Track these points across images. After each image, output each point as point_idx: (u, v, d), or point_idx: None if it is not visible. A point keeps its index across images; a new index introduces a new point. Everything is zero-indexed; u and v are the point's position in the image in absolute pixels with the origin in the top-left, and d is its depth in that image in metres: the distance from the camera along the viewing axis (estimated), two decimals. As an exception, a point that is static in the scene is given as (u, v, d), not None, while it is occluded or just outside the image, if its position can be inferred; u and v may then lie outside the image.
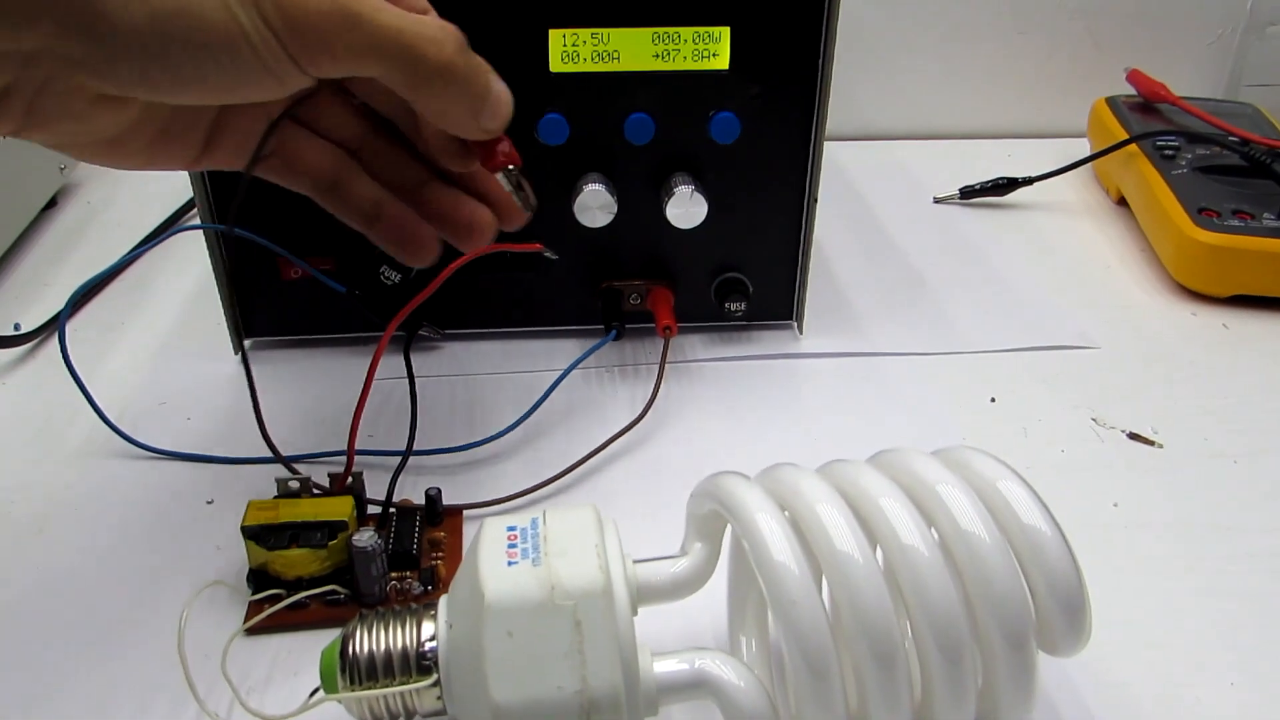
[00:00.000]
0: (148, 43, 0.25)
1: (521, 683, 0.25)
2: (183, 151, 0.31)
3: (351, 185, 0.34)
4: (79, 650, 0.33)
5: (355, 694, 0.26)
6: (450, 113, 0.30)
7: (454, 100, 0.30)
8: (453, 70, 0.29)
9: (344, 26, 0.26)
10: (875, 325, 0.51)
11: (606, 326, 0.46)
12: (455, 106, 0.30)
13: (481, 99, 0.30)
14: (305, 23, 0.26)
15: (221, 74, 0.26)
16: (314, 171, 0.34)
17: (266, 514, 0.34)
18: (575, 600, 0.25)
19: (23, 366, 0.48)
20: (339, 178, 0.34)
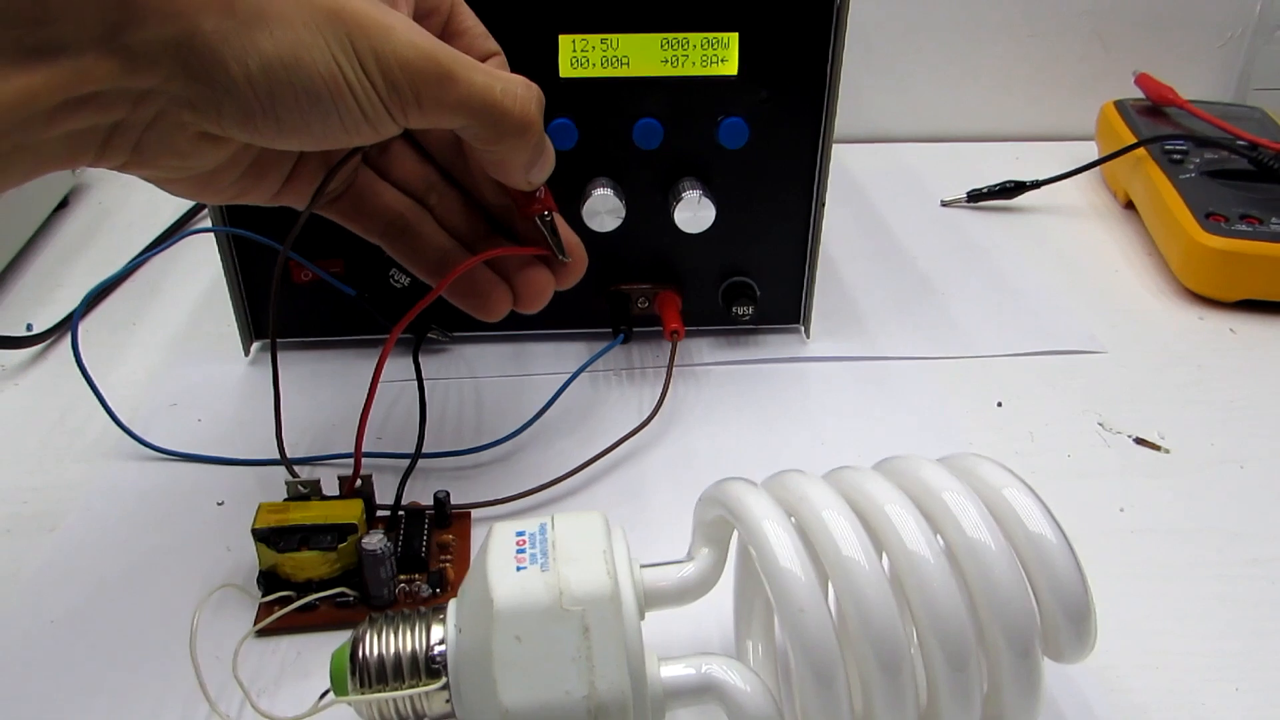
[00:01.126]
0: (259, 91, 0.26)
1: (530, 687, 0.25)
2: (268, 187, 0.32)
3: (421, 232, 0.36)
4: (90, 649, 0.33)
5: (365, 697, 0.27)
6: (509, 164, 0.32)
7: (518, 153, 0.31)
8: (531, 128, 0.30)
9: (438, 81, 0.28)
10: (882, 329, 0.51)
11: (614, 330, 0.46)
12: (517, 159, 0.31)
13: (539, 152, 0.32)
14: (403, 77, 0.27)
15: (324, 122, 0.27)
16: (384, 214, 0.35)
17: (277, 516, 0.34)
18: (583, 606, 0.25)
19: (35, 367, 0.48)
20: (408, 224, 0.35)
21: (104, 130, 0.26)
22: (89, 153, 0.26)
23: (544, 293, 0.36)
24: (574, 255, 0.36)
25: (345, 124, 0.27)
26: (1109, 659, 0.32)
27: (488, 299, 0.36)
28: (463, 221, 0.37)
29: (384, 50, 0.27)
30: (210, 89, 0.25)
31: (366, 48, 0.27)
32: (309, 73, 0.26)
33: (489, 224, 0.37)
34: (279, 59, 0.26)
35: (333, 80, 0.26)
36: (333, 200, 0.35)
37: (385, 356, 0.34)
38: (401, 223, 0.35)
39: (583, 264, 0.37)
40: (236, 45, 0.25)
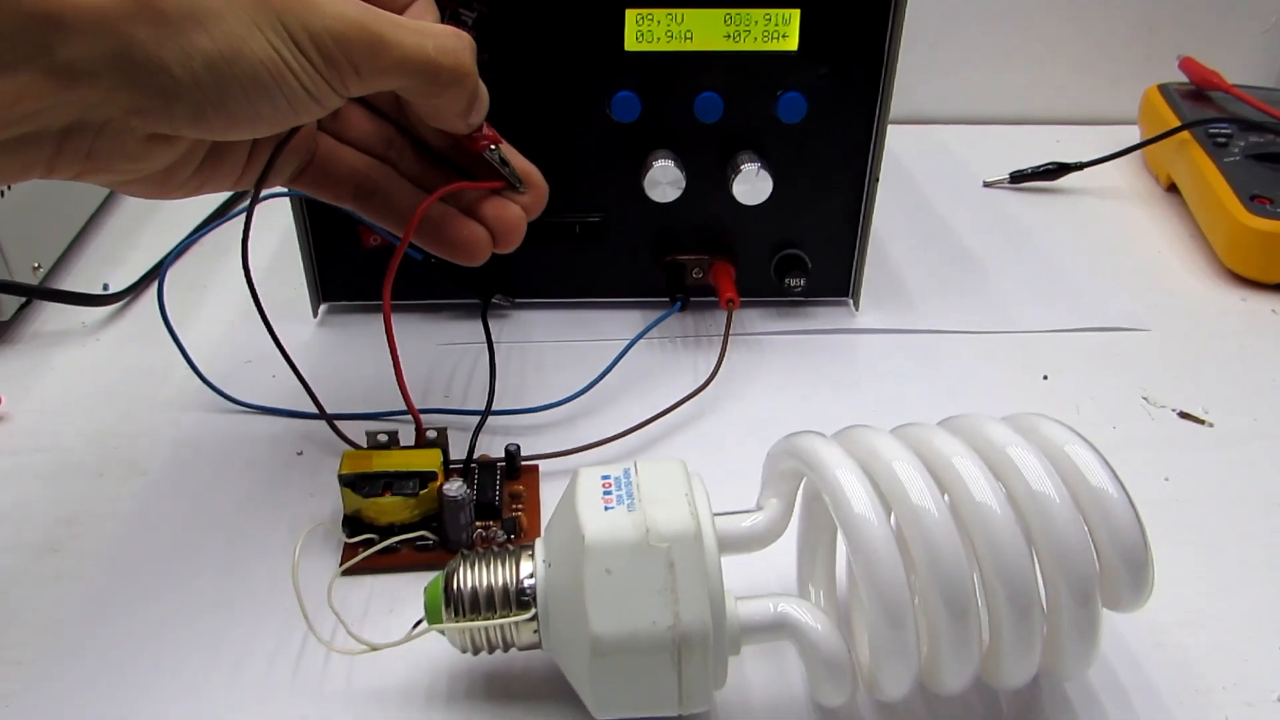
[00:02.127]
0: (207, 89, 0.26)
1: (619, 616, 0.27)
2: (227, 174, 0.33)
3: (389, 190, 0.36)
4: (185, 583, 0.35)
5: (459, 625, 0.28)
6: (447, 112, 0.32)
7: (454, 101, 0.32)
8: (467, 77, 0.31)
9: (371, 49, 0.28)
10: (929, 304, 0.52)
11: (671, 298, 0.48)
12: (454, 107, 0.32)
13: (474, 97, 0.32)
14: (337, 50, 0.28)
15: (272, 106, 0.28)
16: (349, 178, 0.36)
17: (361, 463, 0.36)
18: (669, 543, 0.27)
19: (113, 325, 0.50)
20: (376, 184, 0.36)
21: (52, 143, 0.26)
22: (38, 166, 0.27)
23: (516, 225, 0.36)
24: (531, 182, 0.37)
25: (293, 105, 0.28)
26: (1155, 616, 0.33)
27: (465, 242, 0.36)
28: (426, 171, 0.37)
29: (315, 26, 0.27)
30: (158, 95, 0.26)
31: (298, 26, 0.27)
32: (250, 63, 0.26)
33: (453, 170, 0.37)
34: (220, 55, 0.26)
35: (274, 66, 0.27)
36: (298, 173, 0.35)
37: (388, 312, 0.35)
38: (369, 184, 0.36)
39: (542, 189, 0.37)
40: (175, 49, 0.25)
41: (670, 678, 0.27)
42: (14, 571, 0.35)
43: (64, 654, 0.32)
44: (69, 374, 0.46)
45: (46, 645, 0.32)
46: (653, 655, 0.27)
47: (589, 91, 0.45)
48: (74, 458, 0.41)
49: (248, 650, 0.33)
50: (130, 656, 0.32)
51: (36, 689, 0.31)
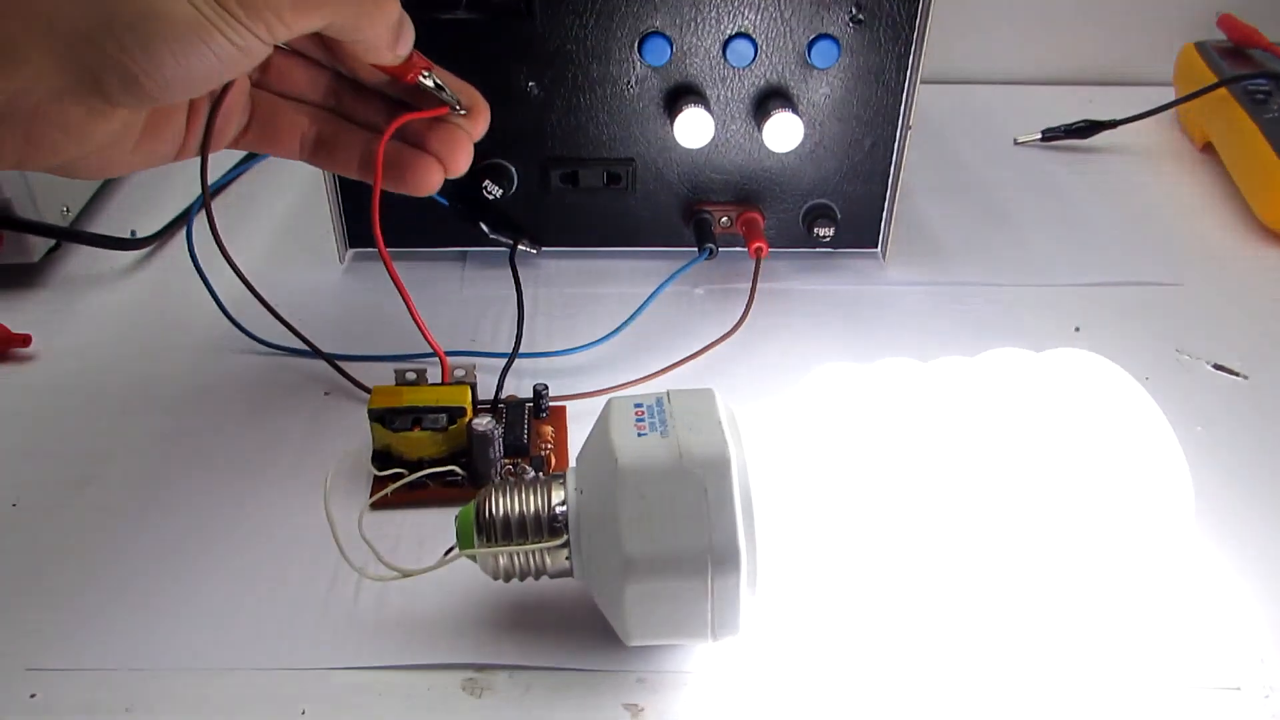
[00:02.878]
0: (136, 58, 0.26)
1: (652, 540, 0.26)
2: (169, 144, 0.33)
3: (340, 139, 0.36)
4: (217, 516, 0.35)
5: (491, 550, 0.28)
6: (374, 46, 0.32)
7: (381, 34, 0.31)
8: (391, 8, 0.31)
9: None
10: (958, 257, 0.52)
11: (699, 246, 0.48)
12: (381, 40, 0.31)
13: (399, 26, 0.32)
14: None
15: (202, 64, 0.27)
16: (296, 132, 0.36)
17: (391, 398, 0.36)
18: (703, 468, 0.27)
19: (141, 269, 0.50)
20: (325, 134, 0.36)
21: None
22: None
23: (462, 148, 0.36)
24: (471, 102, 0.36)
25: (221, 60, 0.27)
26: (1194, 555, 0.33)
27: (416, 172, 0.36)
28: (370, 113, 0.37)
29: None
30: (87, 69, 0.26)
31: None
32: (172, 22, 0.26)
33: (396, 106, 0.37)
34: (141, 20, 0.26)
35: (197, 24, 0.26)
36: (242, 133, 0.35)
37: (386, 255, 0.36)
38: (318, 136, 0.36)
39: (483, 108, 0.37)
40: (97, 20, 0.25)
41: (702, 603, 0.27)
42: (46, 505, 0.36)
43: (95, 586, 0.32)
44: (98, 316, 0.47)
45: (78, 577, 0.33)
46: (686, 579, 0.27)
47: (619, 36, 0.45)
48: (103, 397, 0.41)
49: (279, 580, 0.33)
50: (161, 588, 0.32)
51: (68, 620, 0.31)
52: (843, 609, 0.31)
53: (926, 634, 0.31)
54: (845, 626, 0.31)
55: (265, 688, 0.29)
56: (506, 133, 0.46)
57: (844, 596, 0.31)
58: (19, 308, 0.46)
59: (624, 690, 0.29)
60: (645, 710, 0.29)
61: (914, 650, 0.30)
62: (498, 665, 0.30)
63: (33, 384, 0.42)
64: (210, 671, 0.30)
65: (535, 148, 0.47)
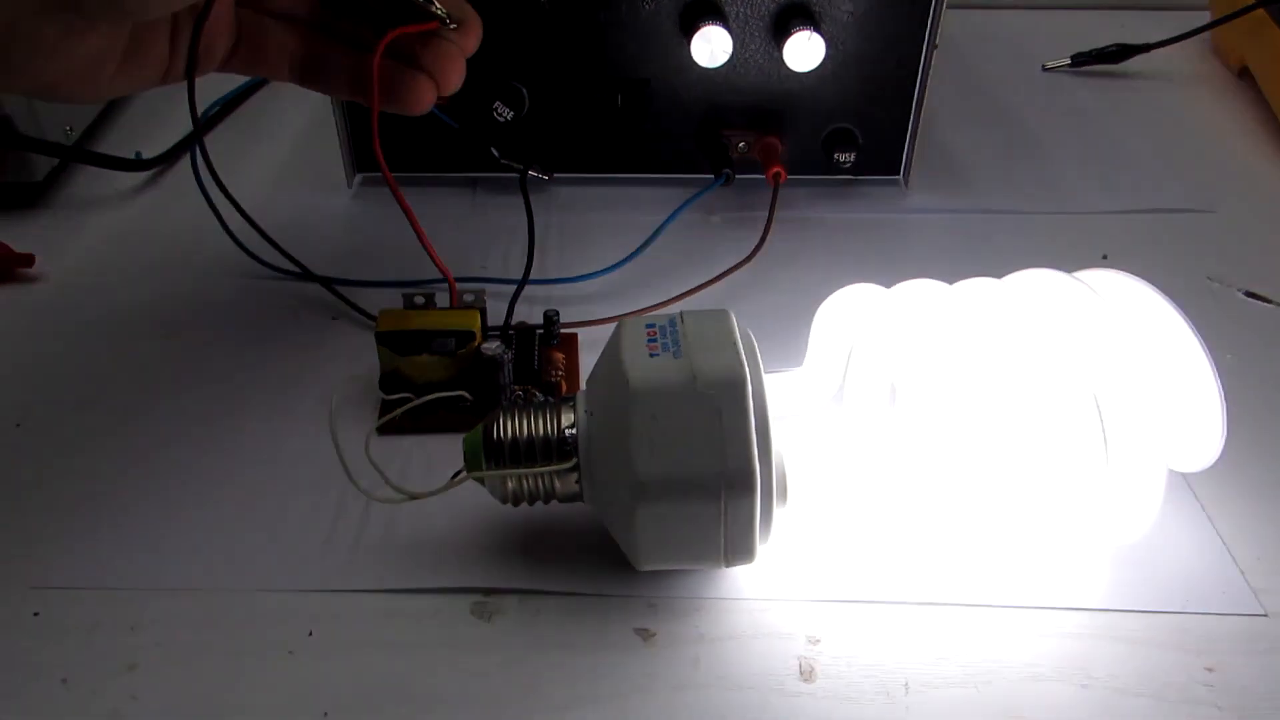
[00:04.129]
0: None
1: (664, 460, 0.26)
2: (153, 67, 0.31)
3: (329, 59, 0.35)
4: (223, 439, 0.35)
5: (500, 472, 0.28)
6: None
7: None
8: None
9: None
10: (983, 184, 0.50)
11: (715, 172, 0.46)
12: None
13: None
14: None
15: None
16: (284, 52, 0.34)
17: (399, 321, 0.35)
18: (716, 390, 0.26)
19: (146, 192, 0.49)
20: (313, 54, 0.35)
21: None
22: None
23: (454, 63, 0.35)
24: (462, 15, 0.35)
25: None
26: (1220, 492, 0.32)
27: (409, 90, 0.34)
28: (361, 30, 0.35)
29: None
30: None
31: None
32: None
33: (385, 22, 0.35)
34: None
35: None
36: (230, 55, 0.34)
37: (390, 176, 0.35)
38: (307, 56, 0.35)
39: (475, 21, 0.35)
40: None
41: (715, 527, 0.26)
42: (50, 426, 0.35)
43: (99, 506, 0.32)
44: (103, 238, 0.46)
45: (82, 497, 0.32)
46: (698, 502, 0.26)
47: (634, -53, 0.43)
48: (107, 319, 0.41)
49: (286, 502, 0.32)
50: (165, 509, 0.32)
51: (72, 540, 0.31)
52: (859, 533, 0.30)
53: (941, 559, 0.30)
54: (861, 550, 0.30)
55: (272, 609, 0.29)
56: (517, 52, 0.45)
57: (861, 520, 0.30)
58: (22, 227, 0.46)
59: (635, 615, 0.29)
60: (657, 635, 0.28)
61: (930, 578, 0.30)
62: (507, 589, 0.29)
63: (36, 304, 0.41)
64: (216, 591, 0.29)
65: (547, 68, 0.46)
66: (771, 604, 0.29)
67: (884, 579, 0.29)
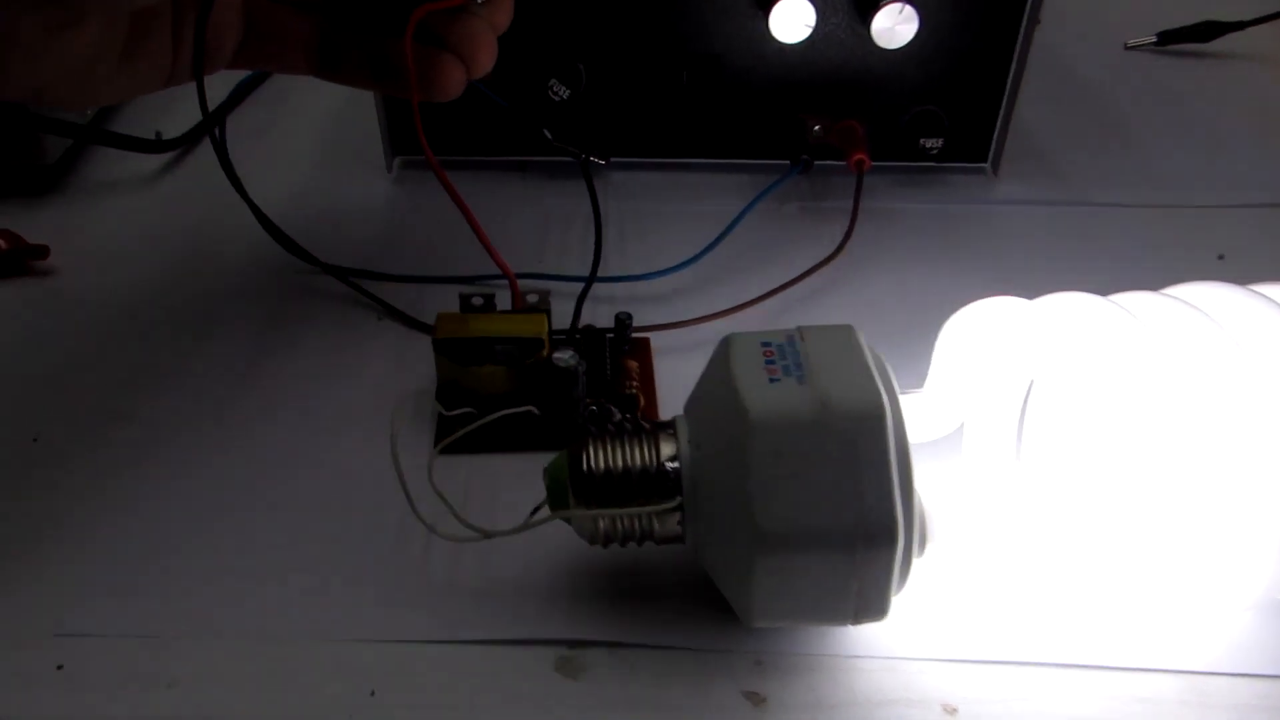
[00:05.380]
0: None
1: (790, 506, 0.22)
2: (157, 66, 0.29)
3: (347, 48, 0.32)
4: (259, 458, 0.31)
5: (592, 513, 0.24)
6: None
7: None
8: None
9: None
10: (1076, 174, 0.46)
11: (792, 158, 0.42)
12: None
13: None
14: None
15: None
16: (300, 42, 0.32)
17: (458, 327, 0.31)
18: (851, 422, 0.22)
19: (168, 176, 0.45)
20: (329, 43, 0.32)
21: None
22: None
23: (484, 43, 0.32)
24: None
25: None
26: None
27: (436, 74, 0.31)
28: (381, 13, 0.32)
29: None
30: None
31: None
32: None
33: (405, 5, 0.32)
34: None
35: None
36: (241, 50, 0.31)
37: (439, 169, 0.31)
38: (323, 46, 0.32)
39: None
40: None
41: (846, 582, 0.23)
42: (70, 441, 0.32)
43: (129, 537, 0.29)
44: (122, 226, 0.42)
45: (109, 527, 0.29)
46: (828, 555, 0.22)
47: (709, -91, 0.39)
48: (131, 318, 0.37)
49: (336, 534, 0.29)
50: (202, 541, 0.29)
51: (100, 577, 0.28)
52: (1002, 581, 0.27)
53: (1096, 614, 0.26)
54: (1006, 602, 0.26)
55: (328, 662, 0.25)
56: (575, 25, 0.41)
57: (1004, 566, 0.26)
58: (34, 215, 0.42)
59: (741, 675, 0.25)
60: (768, 701, 0.25)
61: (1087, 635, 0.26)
62: (596, 642, 0.26)
63: (53, 301, 0.38)
64: (263, 640, 0.26)
65: (607, 43, 0.41)
66: (899, 664, 0.25)
67: (1034, 636, 0.26)
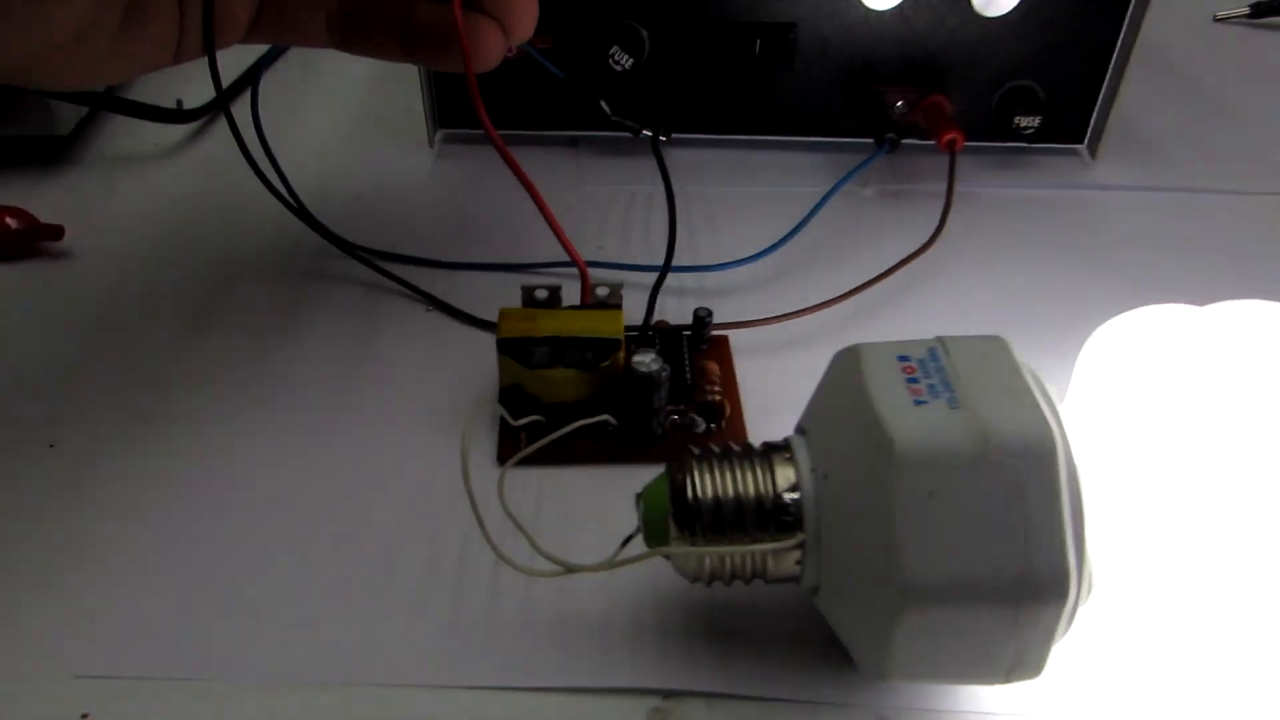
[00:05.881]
0: None
1: (945, 555, 0.19)
2: (158, 43, 0.26)
3: (372, 13, 0.28)
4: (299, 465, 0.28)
5: (701, 550, 0.21)
6: None
7: None
8: None
9: None
10: (1180, 157, 0.42)
11: (876, 136, 0.39)
12: None
13: None
14: None
15: None
16: (318, 12, 0.28)
17: (524, 325, 0.28)
18: (1018, 459, 0.19)
19: (190, 148, 0.42)
20: (353, 11, 0.28)
21: None
22: None
23: (524, 5, 0.28)
24: None
25: None
26: None
27: (476, 42, 0.27)
28: None
29: None
30: None
31: None
32: None
33: None
34: None
35: None
36: (255, 23, 0.28)
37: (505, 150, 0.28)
38: (346, 15, 0.28)
39: None
40: None
41: (1004, 639, 0.19)
42: (91, 448, 0.28)
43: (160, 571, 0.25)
44: (141, 203, 0.38)
45: (137, 558, 0.25)
46: (986, 610, 0.19)
47: None
48: (153, 307, 0.33)
49: (389, 562, 0.25)
50: (240, 568, 0.25)
51: (126, 611, 0.24)
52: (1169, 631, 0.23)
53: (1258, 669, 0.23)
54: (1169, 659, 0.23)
55: (381, 710, 0.22)
56: (642, -14, 0.37)
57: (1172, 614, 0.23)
58: (47, 192, 0.38)
59: (863, 734, 0.22)
60: (898, 767, 0.21)
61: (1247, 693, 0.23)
62: (693, 692, 0.22)
63: (69, 287, 0.34)
64: (313, 686, 0.23)
65: (674, 7, 0.38)
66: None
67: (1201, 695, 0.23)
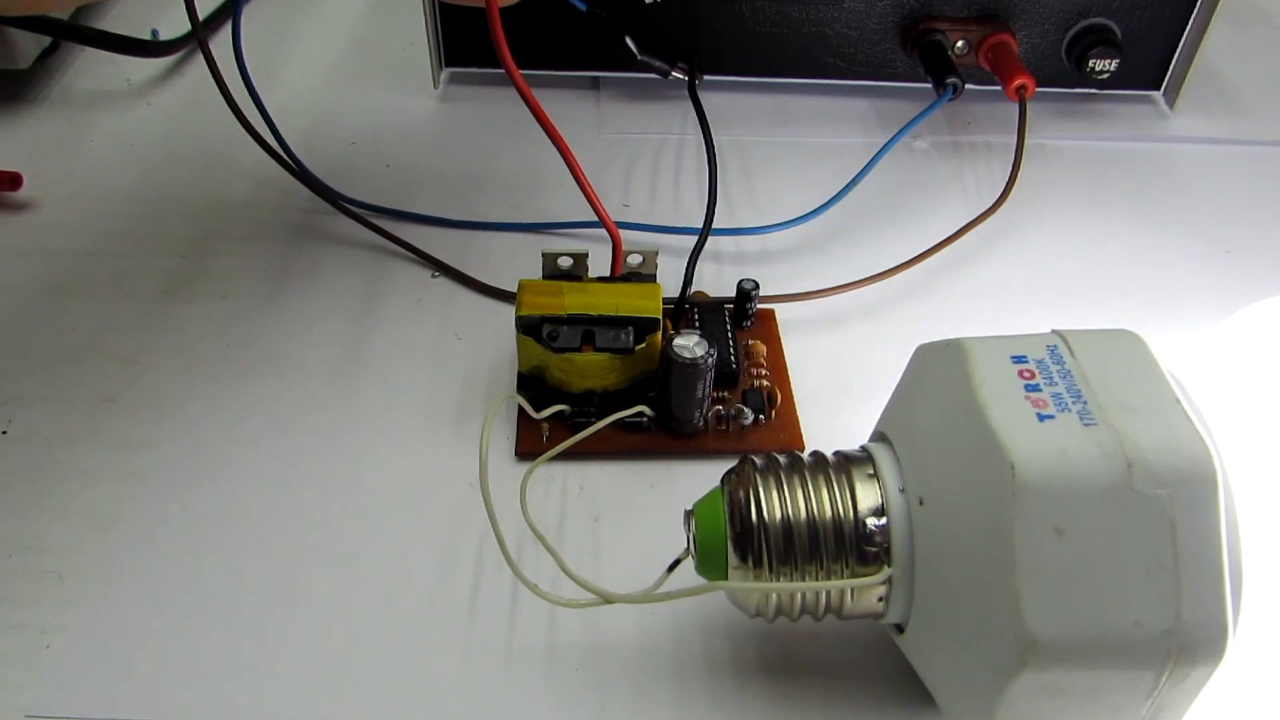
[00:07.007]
0: None
1: (1077, 608, 0.15)
2: None
3: None
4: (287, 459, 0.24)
5: (770, 586, 0.17)
6: None
7: None
8: None
9: None
10: (1266, 108, 0.38)
11: (936, 82, 0.34)
12: None
13: None
14: None
15: None
16: None
17: (548, 300, 0.24)
18: (1169, 489, 0.15)
19: (166, 86, 0.38)
20: None
21: None
22: None
23: None
24: None
25: None
26: None
27: None
28: None
29: None
30: None
31: None
32: None
33: None
34: None
35: None
36: None
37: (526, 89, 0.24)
38: None
39: None
40: None
41: (1137, 705, 0.16)
42: (50, 434, 0.25)
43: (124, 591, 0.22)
44: (111, 149, 0.34)
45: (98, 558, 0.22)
46: (1124, 673, 0.16)
47: None
48: (123, 267, 0.30)
49: (391, 582, 0.22)
50: (218, 598, 0.22)
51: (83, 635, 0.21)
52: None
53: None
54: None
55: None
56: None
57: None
58: (4, 134, 0.34)
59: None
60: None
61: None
62: (749, 741, 0.19)
63: (26, 245, 0.30)
64: (305, 727, 0.19)
65: (713, -72, 0.33)
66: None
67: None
